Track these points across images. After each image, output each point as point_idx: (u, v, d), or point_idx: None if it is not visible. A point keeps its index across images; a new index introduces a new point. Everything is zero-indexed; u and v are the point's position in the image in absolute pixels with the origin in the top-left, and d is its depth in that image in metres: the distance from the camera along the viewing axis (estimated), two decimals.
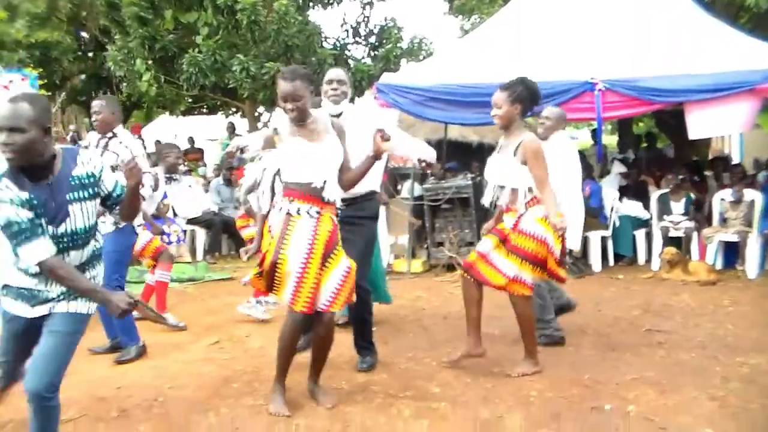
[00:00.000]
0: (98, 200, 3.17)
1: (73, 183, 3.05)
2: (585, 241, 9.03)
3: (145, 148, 17.33)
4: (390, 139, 4.32)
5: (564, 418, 3.96)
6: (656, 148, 14.49)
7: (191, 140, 15.46)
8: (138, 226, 5.39)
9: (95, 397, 4.41)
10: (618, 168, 9.98)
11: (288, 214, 3.99)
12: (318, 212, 3.99)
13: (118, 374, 4.89)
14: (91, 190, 3.11)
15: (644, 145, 14.57)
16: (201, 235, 10.78)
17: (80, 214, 3.08)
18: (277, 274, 3.96)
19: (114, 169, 5.07)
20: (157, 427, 3.90)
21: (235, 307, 6.73)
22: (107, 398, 4.38)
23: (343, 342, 5.27)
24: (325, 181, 4.01)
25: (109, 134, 5.29)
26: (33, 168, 2.95)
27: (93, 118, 5.36)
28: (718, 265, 8.50)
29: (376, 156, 4.28)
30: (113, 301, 3.06)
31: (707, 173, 11.50)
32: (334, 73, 4.96)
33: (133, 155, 5.20)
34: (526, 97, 4.65)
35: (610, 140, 18.33)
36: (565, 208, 5.31)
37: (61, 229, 3.03)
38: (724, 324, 6.12)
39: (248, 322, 6.41)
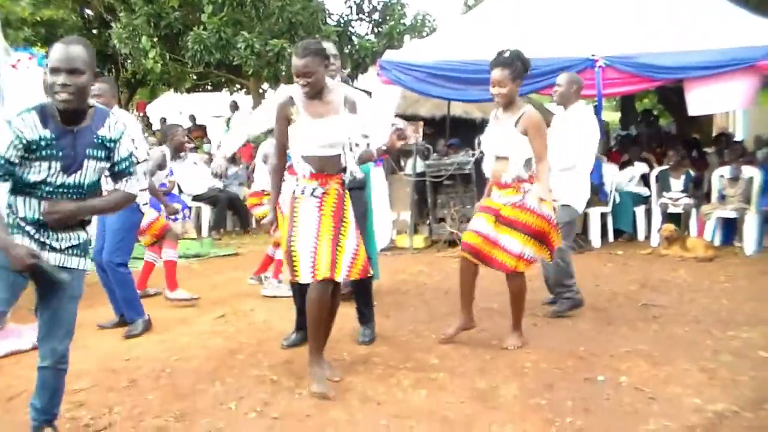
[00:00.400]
0: (108, 164, 3.20)
1: (95, 140, 3.09)
2: (585, 217, 9.15)
3: (150, 125, 17.52)
4: (406, 138, 4.55)
5: (557, 387, 4.09)
6: (657, 125, 14.48)
7: (192, 118, 15.54)
8: (143, 204, 5.50)
9: (106, 368, 4.55)
10: (640, 169, 9.83)
11: (293, 195, 4.10)
12: (323, 192, 4.10)
13: (126, 347, 5.04)
14: (106, 153, 3.16)
15: (639, 121, 14.56)
16: (206, 211, 10.93)
17: (91, 172, 3.11)
18: (293, 258, 4.05)
19: None
20: (165, 396, 4.05)
21: (241, 282, 6.90)
22: (117, 370, 4.53)
23: (345, 314, 5.42)
24: (336, 154, 4.12)
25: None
26: (73, 111, 2.98)
27: (94, 100, 5.43)
28: (717, 242, 8.62)
29: (389, 150, 4.45)
30: (13, 252, 2.85)
31: (709, 150, 11.58)
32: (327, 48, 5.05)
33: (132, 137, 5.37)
34: (523, 71, 4.74)
35: (613, 117, 18.33)
36: (578, 177, 5.57)
37: (71, 180, 3.05)
38: (719, 299, 6.25)
39: (252, 297, 6.55)
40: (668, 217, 8.81)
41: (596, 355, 4.69)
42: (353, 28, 13.65)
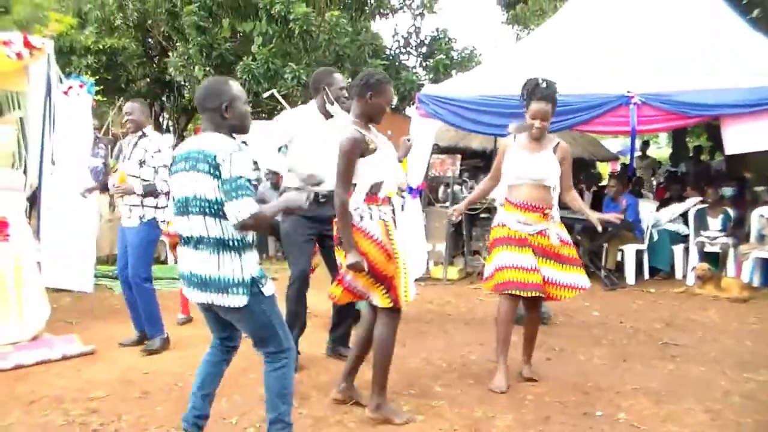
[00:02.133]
0: None
1: None
2: (620, 255, 9.13)
3: None
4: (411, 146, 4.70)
5: (552, 421, 4.15)
6: (706, 162, 14.29)
7: (244, 144, 15.96)
8: (162, 221, 5.76)
9: (124, 380, 4.80)
10: (680, 207, 9.76)
11: (383, 220, 4.10)
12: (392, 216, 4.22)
13: (148, 361, 5.27)
14: None
15: (690, 157, 14.39)
16: None
17: None
18: (396, 282, 4.05)
19: (141, 163, 5.65)
20: (173, 408, 4.24)
21: None
22: (133, 381, 4.76)
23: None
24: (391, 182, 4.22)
25: (140, 133, 5.74)
26: None
27: (125, 119, 5.85)
28: (755, 283, 8.47)
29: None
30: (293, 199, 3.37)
31: (759, 189, 11.36)
32: (344, 80, 5.40)
33: (159, 149, 5.70)
34: None
35: (661, 153, 18.15)
36: None
37: None
38: (744, 341, 6.18)
39: None
40: (706, 256, 8.72)
41: (602, 390, 4.72)
42: (400, 61, 13.88)
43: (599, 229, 4.96)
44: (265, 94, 10.19)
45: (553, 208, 4.78)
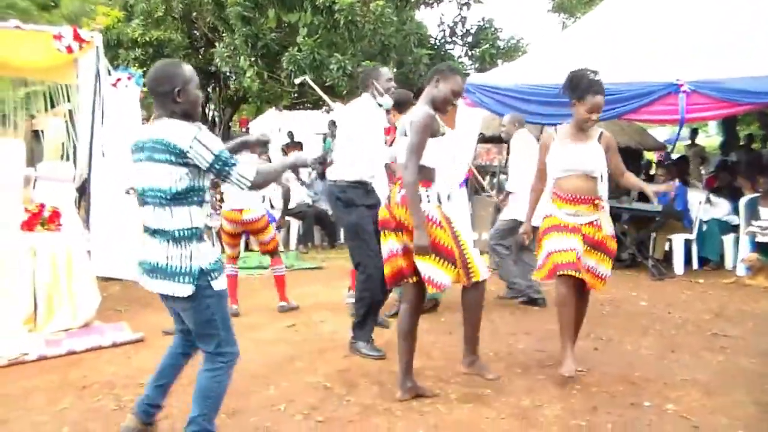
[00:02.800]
0: None
1: None
2: (668, 244, 9.00)
3: None
4: None
5: (601, 411, 4.11)
6: (755, 150, 13.97)
7: (290, 134, 16.03)
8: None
9: None
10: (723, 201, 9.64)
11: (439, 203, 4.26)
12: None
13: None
14: None
15: (741, 146, 14.09)
16: (295, 226, 11.28)
17: None
18: (469, 261, 4.20)
19: None
20: None
21: (318, 295, 7.19)
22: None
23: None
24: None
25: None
26: None
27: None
28: None
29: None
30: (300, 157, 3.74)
31: None
32: (390, 71, 5.62)
33: None
34: None
35: (711, 142, 17.81)
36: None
37: None
38: None
39: (326, 309, 6.78)
40: (757, 247, 8.54)
41: (650, 381, 4.66)
42: (446, 51, 13.82)
43: (654, 202, 5.03)
44: (297, 80, 10.25)
45: (602, 198, 4.73)
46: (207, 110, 18.23)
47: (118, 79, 7.66)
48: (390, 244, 4.23)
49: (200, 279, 3.20)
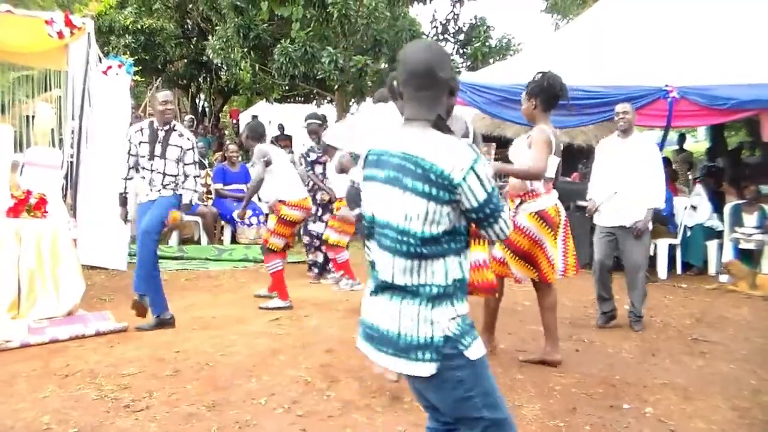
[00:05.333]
0: None
1: None
2: (653, 249, 9.05)
3: (238, 132, 18.16)
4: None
5: (579, 412, 4.15)
6: (742, 157, 14.06)
7: (281, 127, 16.02)
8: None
9: (154, 358, 4.90)
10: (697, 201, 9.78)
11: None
12: None
13: (178, 341, 5.36)
14: None
15: (730, 152, 14.19)
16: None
17: None
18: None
19: (178, 161, 5.75)
20: (203, 387, 4.33)
21: (303, 289, 7.22)
22: (165, 359, 4.85)
23: None
24: None
25: (168, 126, 5.74)
26: None
27: (163, 108, 5.68)
28: None
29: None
30: None
31: None
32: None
33: (191, 142, 5.78)
34: None
35: (699, 147, 17.91)
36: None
37: None
38: None
39: (310, 304, 6.80)
40: (740, 253, 8.61)
41: (629, 384, 4.70)
42: None
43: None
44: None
45: (529, 193, 4.82)
46: (197, 100, 18.20)
47: (109, 67, 7.63)
48: (476, 254, 4.34)
49: (446, 348, 2.26)
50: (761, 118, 7.65)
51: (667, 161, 10.77)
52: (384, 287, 2.32)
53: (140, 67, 12.62)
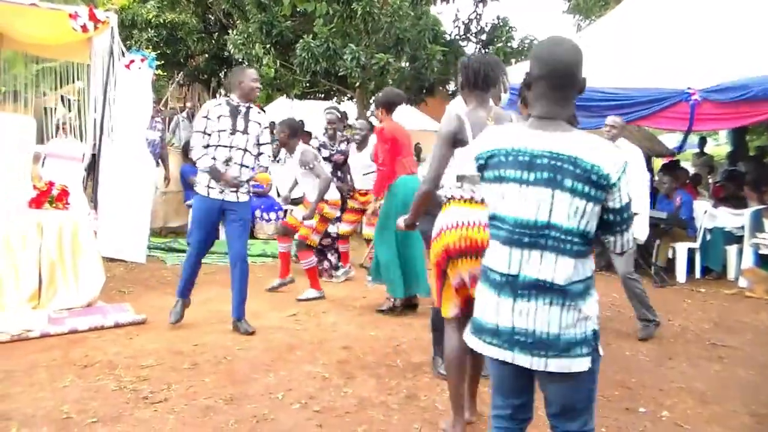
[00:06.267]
0: None
1: None
2: (671, 252, 9.01)
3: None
4: None
5: (596, 415, 4.12)
6: (764, 162, 13.95)
7: (301, 123, 16.04)
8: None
9: (173, 350, 4.94)
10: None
11: None
12: None
13: (196, 334, 5.40)
14: None
15: (751, 156, 14.07)
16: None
17: None
18: None
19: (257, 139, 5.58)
20: (221, 380, 4.37)
21: (322, 286, 7.23)
22: (183, 352, 4.89)
23: (407, 325, 5.70)
24: None
25: (248, 104, 5.57)
26: None
27: (255, 84, 5.52)
28: None
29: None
30: None
31: None
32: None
33: (266, 121, 5.78)
34: None
35: (720, 150, 17.77)
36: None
37: None
38: None
39: (328, 300, 6.82)
40: (761, 259, 8.54)
41: (646, 387, 4.69)
42: (460, 47, 13.79)
43: None
44: None
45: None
46: (218, 95, 18.25)
47: (132, 61, 7.68)
48: (466, 272, 3.57)
49: (594, 342, 2.39)
50: None
51: (676, 166, 10.72)
52: (531, 287, 2.31)
53: (162, 62, 12.72)
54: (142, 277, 7.42)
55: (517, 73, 9.69)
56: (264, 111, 19.12)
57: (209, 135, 5.39)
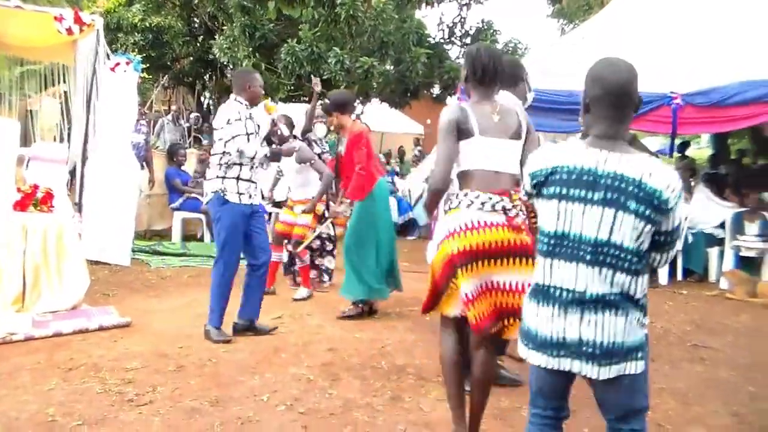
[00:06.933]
0: None
1: None
2: None
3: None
4: None
5: (579, 415, 4.15)
6: (745, 165, 14.08)
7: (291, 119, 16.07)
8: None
9: (158, 353, 4.94)
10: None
11: None
12: None
13: (181, 337, 5.40)
14: None
15: (732, 160, 14.21)
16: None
17: None
18: None
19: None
20: (206, 383, 4.37)
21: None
22: (168, 355, 4.90)
23: (391, 327, 5.72)
24: None
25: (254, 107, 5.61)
26: None
27: (261, 91, 5.55)
28: None
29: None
30: None
31: None
32: None
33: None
34: None
35: (700, 154, 17.93)
36: None
37: None
38: None
39: (313, 303, 6.85)
40: (741, 261, 8.64)
41: None
42: (445, 50, 13.86)
43: None
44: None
45: None
46: (202, 98, 18.23)
47: (117, 64, 7.68)
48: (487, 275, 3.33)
49: (646, 345, 2.53)
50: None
51: None
52: (599, 302, 2.40)
53: (147, 65, 12.67)
54: (126, 280, 7.41)
55: None
56: None
57: (251, 134, 5.37)
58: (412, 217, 12.76)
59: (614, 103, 2.43)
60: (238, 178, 5.29)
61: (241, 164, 5.28)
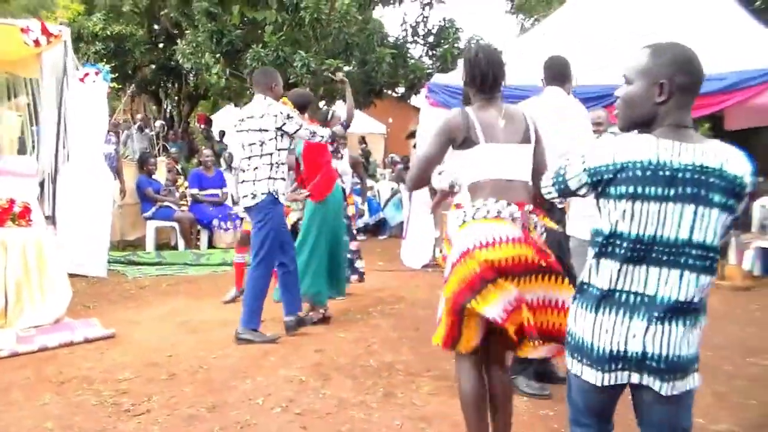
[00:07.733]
0: None
1: None
2: None
3: (210, 137, 18.04)
4: None
5: (563, 399, 4.28)
6: None
7: None
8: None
9: (148, 362, 4.95)
10: None
11: None
12: None
13: (170, 344, 5.42)
14: None
15: None
16: None
17: None
18: None
19: None
20: (200, 389, 4.41)
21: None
22: (158, 364, 4.91)
23: (376, 326, 5.79)
24: None
25: None
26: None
27: (281, 90, 5.68)
28: (756, 272, 8.59)
29: None
30: None
31: (761, 179, 11.46)
32: None
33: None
34: None
35: None
36: None
37: None
38: (747, 327, 6.34)
39: None
40: None
41: None
42: (408, 50, 13.97)
43: None
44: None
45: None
46: (164, 106, 18.11)
47: (86, 74, 7.64)
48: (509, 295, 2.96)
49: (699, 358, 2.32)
50: (724, 111, 7.84)
51: None
52: (670, 310, 2.15)
53: (115, 74, 12.61)
54: (104, 291, 7.38)
55: (460, 74, 9.86)
56: (211, 120, 19.16)
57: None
58: (383, 217, 12.88)
59: (691, 92, 2.21)
60: (283, 179, 5.45)
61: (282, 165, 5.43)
